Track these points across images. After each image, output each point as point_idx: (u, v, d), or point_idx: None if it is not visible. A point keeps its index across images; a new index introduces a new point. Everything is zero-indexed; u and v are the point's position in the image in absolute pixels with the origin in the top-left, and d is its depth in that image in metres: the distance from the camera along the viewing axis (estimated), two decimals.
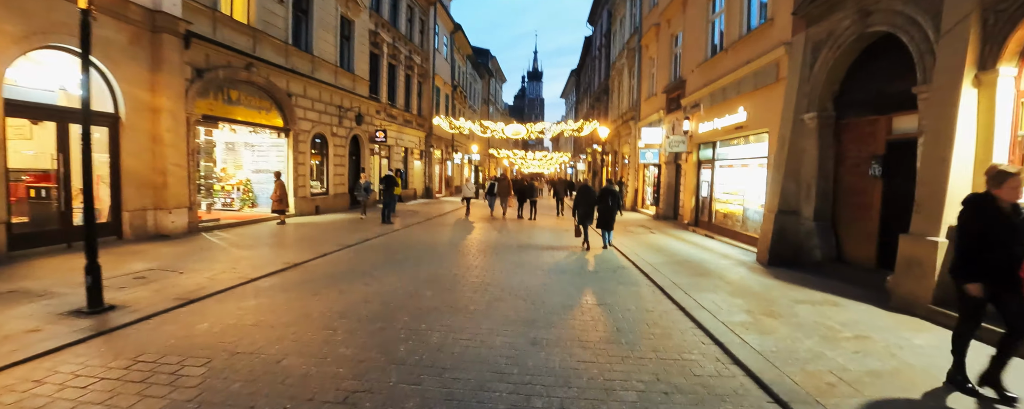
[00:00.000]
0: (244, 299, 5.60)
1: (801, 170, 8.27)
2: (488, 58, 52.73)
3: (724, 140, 11.79)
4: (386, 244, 9.99)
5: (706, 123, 12.43)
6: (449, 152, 31.68)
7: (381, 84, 20.79)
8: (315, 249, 8.96)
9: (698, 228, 13.00)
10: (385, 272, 7.22)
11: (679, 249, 9.95)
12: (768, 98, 9.40)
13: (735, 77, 10.78)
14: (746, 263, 8.43)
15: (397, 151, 22.55)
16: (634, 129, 21.10)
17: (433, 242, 10.40)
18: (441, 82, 29.01)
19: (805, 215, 8.17)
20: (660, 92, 17.22)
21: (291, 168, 14.03)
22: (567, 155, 52.46)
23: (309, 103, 14.70)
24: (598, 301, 5.81)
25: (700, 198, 13.49)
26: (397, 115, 22.55)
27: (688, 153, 13.87)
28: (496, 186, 16.81)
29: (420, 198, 25.89)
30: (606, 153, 28.10)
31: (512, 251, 9.54)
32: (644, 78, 20.17)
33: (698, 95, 13.16)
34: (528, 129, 21.57)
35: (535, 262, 8.36)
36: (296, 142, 14.12)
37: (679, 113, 14.95)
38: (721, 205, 12.22)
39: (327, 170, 16.03)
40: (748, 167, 10.83)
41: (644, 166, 19.88)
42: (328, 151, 15.99)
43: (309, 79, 14.54)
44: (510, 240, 11.15)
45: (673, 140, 13.84)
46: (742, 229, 10.87)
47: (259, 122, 12.87)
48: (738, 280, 7.07)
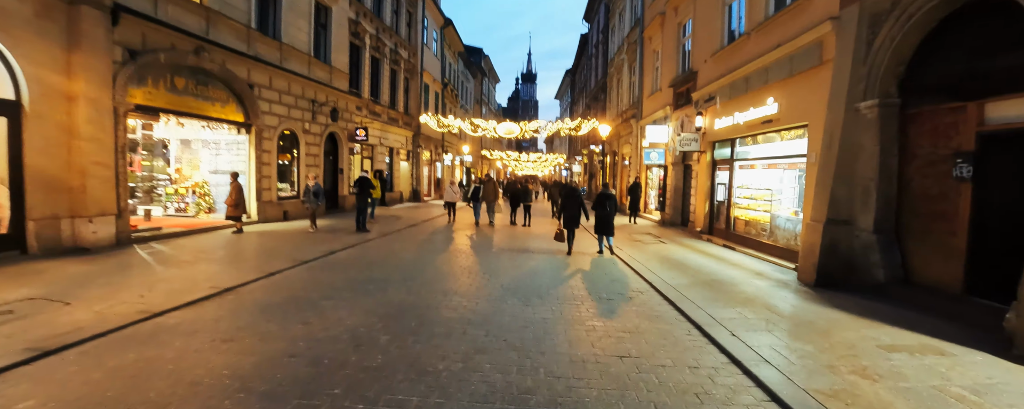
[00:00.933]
0: (125, 349, 4.00)
1: (856, 171, 6.77)
2: (481, 57, 51.21)
3: (747, 137, 10.30)
4: (352, 259, 8.38)
5: (723, 118, 10.94)
6: (439, 153, 30.08)
7: (363, 78, 19.18)
8: (262, 266, 7.34)
9: (714, 237, 11.48)
10: (338, 301, 5.62)
11: (700, 264, 8.42)
12: (808, 85, 7.91)
13: (762, 63, 9.29)
14: (787, 284, 6.91)
15: (381, 151, 20.93)
16: (635, 128, 19.63)
17: (408, 257, 8.80)
18: (430, 79, 27.44)
19: (861, 226, 6.67)
20: (666, 87, 15.74)
21: (253, 168, 12.38)
22: (562, 157, 50.98)
23: (276, 95, 13.07)
24: (619, 350, 4.23)
25: (715, 203, 11.99)
26: (381, 112, 20.94)
27: (700, 152, 12.38)
28: (481, 190, 14.63)
29: (407, 202, 24.26)
30: (605, 154, 26.62)
31: (501, 268, 7.96)
32: (647, 73, 18.70)
33: (712, 87, 11.67)
34: (522, 128, 20.03)
35: (529, 284, 6.78)
36: (259, 139, 12.48)
37: (689, 109, 13.47)
38: (742, 211, 10.72)
39: (298, 171, 14.38)
40: (777, 167, 9.34)
41: (647, 167, 18.40)
42: (299, 150, 14.35)
43: (276, 69, 12.92)
44: (499, 254, 9.56)
45: (683, 138, 12.35)
46: (769, 239, 9.36)
47: (213, 116, 11.22)
48: (790, 310, 5.54)
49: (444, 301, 5.69)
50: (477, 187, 14.72)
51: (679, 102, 14.57)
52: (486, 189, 14.48)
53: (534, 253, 9.59)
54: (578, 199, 9.75)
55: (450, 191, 15.11)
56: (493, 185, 14.60)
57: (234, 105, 11.82)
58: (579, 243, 11.13)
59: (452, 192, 15.06)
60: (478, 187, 14.69)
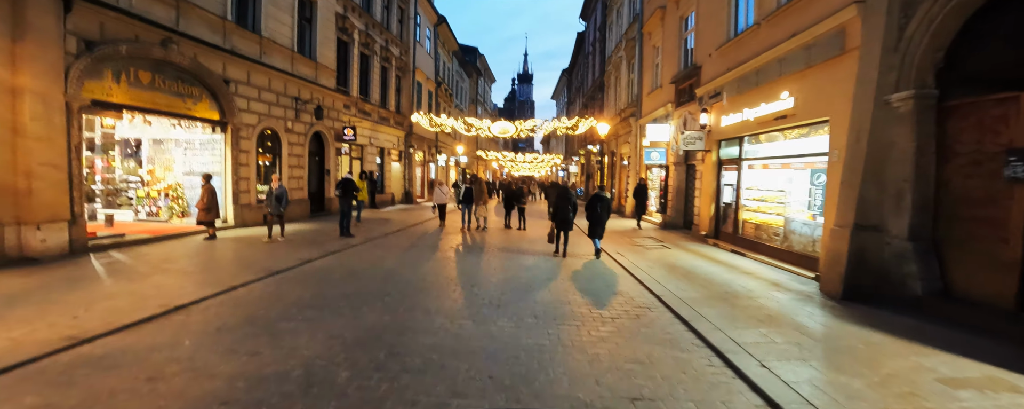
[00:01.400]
0: (23, 391, 3.25)
1: (886, 171, 6.08)
2: (476, 56, 50.47)
3: (757, 134, 9.60)
4: (329, 269, 7.62)
5: (730, 115, 10.25)
6: (432, 153, 29.33)
7: (351, 76, 18.42)
8: (226, 278, 6.58)
9: (720, 241, 10.78)
10: (301, 323, 4.87)
11: (710, 273, 7.71)
12: (828, 77, 7.22)
13: (774, 55, 8.60)
14: (810, 297, 6.20)
15: (371, 151, 20.17)
16: (635, 127, 18.94)
17: (390, 266, 8.04)
18: (423, 78, 26.70)
19: (894, 232, 5.97)
20: (667, 83, 15.06)
21: (229, 170, 11.60)
22: (559, 157, 50.29)
23: (255, 92, 12.30)
24: (631, 389, 3.49)
25: (721, 205, 11.30)
26: (371, 111, 20.18)
27: (705, 152, 11.68)
28: (471, 191, 13.43)
29: (399, 204, 23.49)
30: (602, 154, 25.94)
31: (491, 279, 7.23)
32: (647, 70, 18.02)
33: (718, 83, 10.98)
34: (517, 127, 19.30)
35: (521, 299, 6.05)
36: (236, 138, 11.70)
37: (693, 105, 12.78)
38: (751, 214, 10.03)
39: (280, 172, 13.60)
40: (791, 167, 8.65)
41: (648, 168, 17.70)
42: (281, 150, 13.57)
43: (255, 64, 12.15)
44: (490, 262, 8.82)
45: (687, 137, 11.65)
46: (783, 245, 8.67)
47: (184, 113, 10.44)
48: (821, 330, 4.83)
49: (423, 322, 4.95)
50: (468, 188, 13.51)
51: (681, 99, 13.88)
52: (474, 190, 13.39)
53: (527, 261, 8.85)
54: (570, 200, 9.40)
55: (440, 193, 14.17)
56: (481, 186, 13.38)
57: (208, 102, 11.04)
58: (575, 246, 10.41)
59: (442, 194, 14.12)
60: (468, 188, 13.51)
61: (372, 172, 19.94)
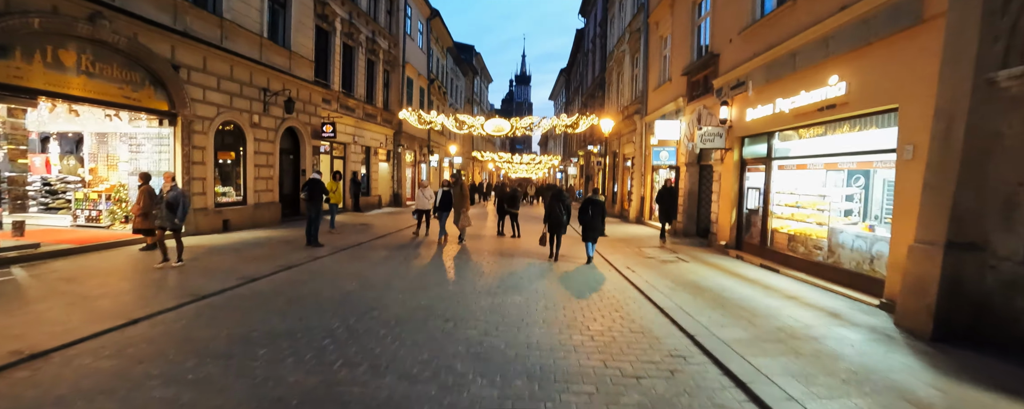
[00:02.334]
0: None
1: (990, 171, 4.65)
2: (472, 54, 49.10)
3: (793, 129, 8.17)
4: (272, 292, 6.12)
5: (757, 108, 8.82)
6: (424, 154, 27.86)
7: (333, 68, 16.94)
8: (131, 308, 5.10)
9: (744, 254, 9.34)
10: (186, 388, 3.39)
11: (746, 298, 6.25)
12: (896, 54, 5.79)
13: (818, 33, 7.18)
14: (891, 336, 4.76)
15: (355, 150, 18.68)
16: (640, 125, 17.52)
17: (352, 287, 6.54)
18: (414, 73, 25.24)
19: (1002, 252, 4.54)
20: (677, 76, 13.64)
21: (179, 169, 10.10)
22: (557, 159, 48.87)
23: (212, 81, 10.82)
24: None
25: (744, 211, 9.87)
26: (355, 107, 18.70)
27: (725, 150, 10.25)
28: (449, 195, 11.10)
29: (386, 207, 22.00)
30: (603, 154, 24.47)
31: (472, 310, 5.74)
32: (653, 63, 16.61)
33: (742, 71, 9.56)
34: (513, 125, 17.87)
35: (511, 344, 4.58)
36: (188, 133, 10.21)
37: (709, 98, 11.35)
38: (783, 223, 8.60)
39: (245, 172, 12.12)
40: (838, 167, 7.24)
41: (654, 169, 16.27)
42: (245, 146, 12.08)
43: (214, 49, 10.68)
44: (475, 281, 7.34)
45: (705, 133, 10.20)
46: (829, 260, 7.23)
47: (120, 102, 8.95)
48: (940, 402, 3.38)
49: (368, 390, 3.47)
50: (445, 191, 11.13)
51: (695, 92, 12.46)
52: (454, 194, 11.04)
53: (518, 280, 7.36)
54: (563, 201, 9.09)
55: (421, 196, 12.19)
56: (462, 189, 11.04)
57: (152, 90, 9.55)
58: (569, 248, 8.96)
59: (424, 198, 12.08)
60: (446, 191, 11.14)
61: (356, 173, 18.47)
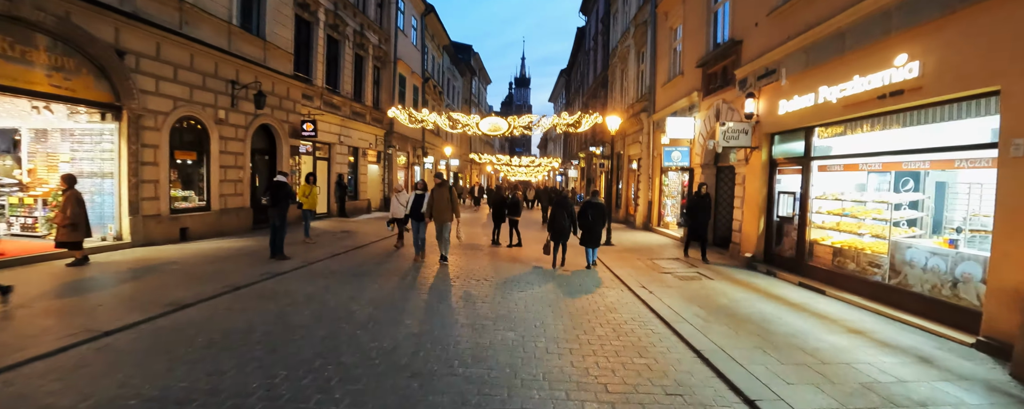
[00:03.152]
0: None
1: None
2: (470, 54, 47.92)
3: (841, 122, 6.87)
4: (199, 326, 4.80)
5: (794, 99, 7.55)
6: (418, 156, 26.57)
7: (316, 62, 15.67)
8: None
9: (777, 269, 8.04)
10: None
11: (799, 332, 4.94)
12: (1003, 22, 4.51)
13: (877, 4, 5.90)
14: (1014, 395, 3.46)
15: (340, 151, 17.37)
16: (647, 124, 16.25)
17: (302, 320, 5.19)
18: (407, 71, 23.97)
19: None
20: (691, 69, 12.37)
21: (124, 169, 8.80)
22: (557, 161, 47.59)
23: (168, 71, 9.53)
24: None
25: (774, 219, 8.58)
26: (341, 105, 17.42)
27: (751, 149, 8.97)
28: (421, 201, 8.87)
29: (376, 211, 20.68)
30: (608, 156, 23.22)
31: (453, 352, 4.44)
32: (661, 57, 15.35)
33: (772, 57, 8.29)
34: (511, 123, 16.59)
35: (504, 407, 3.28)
36: (137, 129, 8.92)
37: (729, 91, 10.08)
38: (826, 233, 7.32)
39: (209, 174, 10.82)
40: (902, 167, 5.96)
41: (664, 171, 14.99)
42: (209, 145, 10.78)
43: (170, 34, 9.39)
44: (462, 308, 6.01)
45: (728, 130, 8.91)
46: (893, 282, 5.93)
47: (48, 91, 7.65)
48: None
49: None
50: (417, 195, 8.95)
51: (711, 86, 11.19)
52: (434, 200, 8.54)
53: (514, 305, 6.05)
54: (568, 207, 8.65)
55: (396, 202, 10.03)
56: (445, 194, 8.51)
57: (91, 79, 8.26)
58: (575, 258, 7.65)
59: (398, 203, 10.00)
60: (417, 195, 8.93)
61: (342, 175, 17.16)
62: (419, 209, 8.81)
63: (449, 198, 8.51)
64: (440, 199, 8.50)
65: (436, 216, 8.55)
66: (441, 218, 8.55)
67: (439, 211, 8.51)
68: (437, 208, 8.51)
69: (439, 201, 8.50)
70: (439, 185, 8.63)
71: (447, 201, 8.51)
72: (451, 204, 8.54)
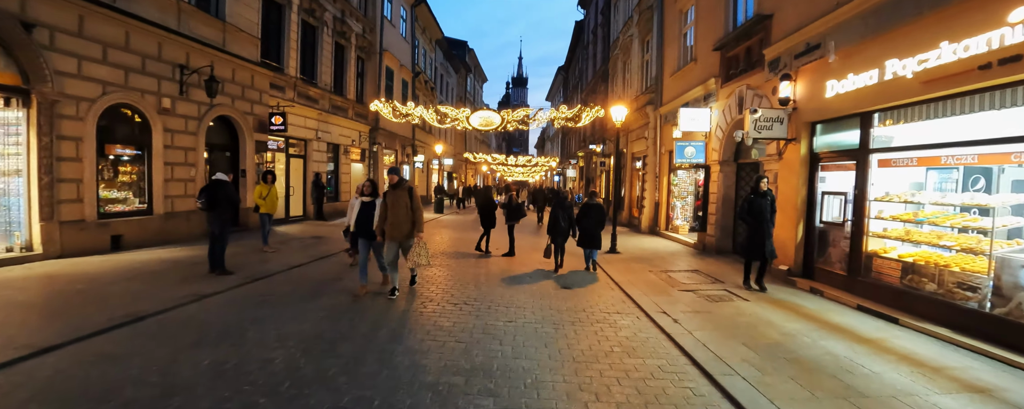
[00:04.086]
0: None
1: None
2: (465, 51, 46.46)
3: (918, 103, 5.42)
4: (37, 390, 3.34)
5: (848, 78, 6.12)
6: (407, 154, 25.08)
7: (288, 49, 14.18)
8: None
9: (822, 286, 6.60)
10: None
11: (901, 389, 3.51)
12: None
13: None
14: None
15: (318, 148, 15.88)
16: (653, 118, 14.82)
17: (197, 375, 3.70)
18: (395, 64, 22.49)
19: None
20: (707, 52, 10.93)
21: (34, 166, 7.31)
22: (554, 161, 46.12)
23: (96, 50, 8.04)
24: None
25: (816, 225, 7.13)
26: (319, 97, 15.92)
27: (787, 141, 7.53)
28: (372, 208, 6.19)
29: None
30: (609, 154, 21.79)
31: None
32: (669, 44, 13.91)
33: (815, 30, 6.85)
34: (504, 117, 15.14)
35: None
36: (52, 117, 7.43)
37: (756, 75, 8.66)
38: (888, 243, 5.90)
39: (150, 172, 9.32)
40: (1013, 160, 4.52)
41: (673, 169, 13.56)
42: (151, 139, 9.29)
43: (97, 7, 7.91)
44: (427, 354, 4.50)
45: (761, 118, 7.45)
46: (996, 309, 4.50)
47: None
48: None
49: None
50: (366, 203, 6.18)
51: (732, 70, 9.76)
52: (388, 208, 5.92)
53: (498, 348, 4.57)
54: (567, 209, 8.40)
55: (352, 208, 6.74)
56: (401, 200, 5.89)
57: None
58: (578, 263, 6.19)
59: (355, 209, 6.75)
60: (368, 202, 6.19)
61: (319, 174, 15.67)
62: (368, 223, 6.05)
63: (408, 206, 5.85)
64: (396, 207, 5.82)
65: (390, 231, 5.83)
66: (396, 233, 5.83)
67: (395, 224, 5.80)
68: (392, 220, 5.80)
69: (395, 210, 5.82)
70: (394, 187, 5.93)
71: (406, 210, 5.83)
72: (412, 214, 5.87)
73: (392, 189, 5.98)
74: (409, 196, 5.91)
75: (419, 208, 5.96)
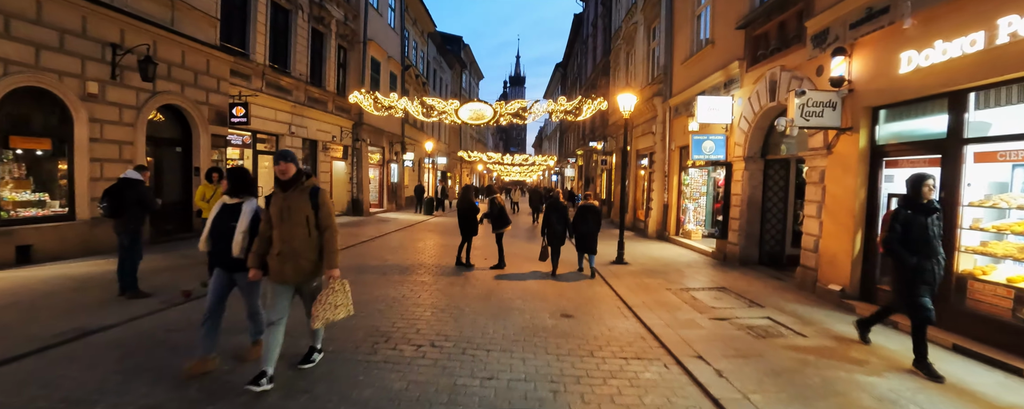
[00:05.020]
0: None
1: None
2: (460, 46, 44.94)
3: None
4: None
5: (934, 47, 4.72)
6: (395, 151, 23.59)
7: (253, 33, 12.68)
8: None
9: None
10: None
11: None
12: None
13: None
14: None
15: (291, 143, 14.39)
16: (661, 111, 13.41)
17: None
18: (382, 55, 21.00)
19: None
20: (729, 32, 9.51)
21: None
22: (552, 160, 44.70)
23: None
24: None
25: (878, 235, 5.71)
26: (292, 88, 14.45)
27: (841, 131, 6.10)
28: (244, 222, 3.53)
29: (340, 215, 17.70)
30: (608, 152, 20.35)
31: None
32: (681, 27, 12.48)
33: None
34: (497, 110, 13.69)
35: None
36: None
37: (792, 54, 7.24)
38: (993, 262, 4.49)
39: (73, 171, 7.85)
40: None
41: (682, 168, 12.15)
42: (73, 131, 7.81)
43: None
44: None
45: (808, 102, 6.01)
46: None
47: None
48: None
49: None
50: (227, 207, 3.59)
51: (761, 50, 8.33)
52: (277, 216, 3.35)
53: None
54: (562, 212, 8.07)
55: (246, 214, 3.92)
56: (302, 207, 3.35)
57: None
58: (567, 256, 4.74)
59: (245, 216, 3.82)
60: (233, 205, 3.59)
61: None
62: (226, 239, 3.48)
63: (311, 220, 3.36)
64: (289, 221, 3.32)
65: (278, 264, 3.33)
66: (288, 269, 3.34)
67: (286, 253, 3.32)
68: (282, 245, 3.32)
69: (286, 226, 3.32)
70: (286, 185, 3.37)
71: (305, 228, 3.34)
72: (317, 235, 3.40)
73: (282, 190, 3.36)
74: (312, 202, 3.35)
75: (329, 224, 3.41)
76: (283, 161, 3.38)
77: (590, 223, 7.90)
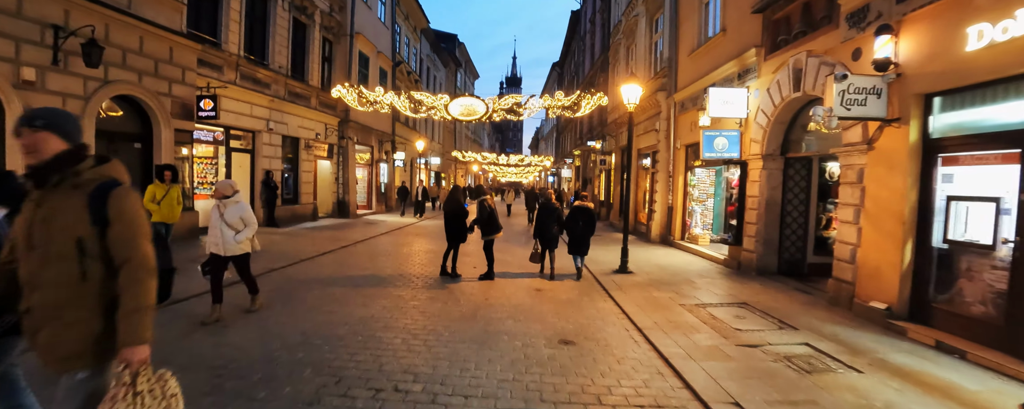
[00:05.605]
0: None
1: None
2: (455, 44, 44.11)
3: None
4: None
5: (1015, 18, 3.84)
6: (385, 150, 22.64)
7: (225, 19, 11.71)
8: None
9: (961, 341, 4.33)
10: None
11: None
12: None
13: None
14: None
15: (270, 141, 13.44)
16: (665, 106, 12.57)
17: None
18: (371, 49, 20.06)
19: None
20: (743, 18, 8.65)
21: None
22: (549, 160, 43.82)
23: None
24: None
25: (935, 246, 4.84)
26: (271, 81, 13.51)
27: (886, 122, 5.23)
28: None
29: (324, 218, 16.75)
30: (607, 151, 19.47)
31: None
32: (686, 16, 11.62)
33: None
34: (490, 106, 12.79)
35: None
36: None
37: (824, 36, 6.37)
38: None
39: (5, 167, 6.89)
40: None
41: (689, 167, 11.29)
42: (4, 123, 6.86)
43: None
44: None
45: (850, 88, 5.12)
46: None
47: None
48: None
49: None
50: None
51: (783, 36, 7.47)
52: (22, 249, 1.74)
53: None
54: (555, 214, 7.87)
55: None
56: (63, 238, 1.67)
57: None
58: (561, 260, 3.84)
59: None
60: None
61: (270, 173, 13.23)
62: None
63: (86, 244, 1.69)
64: (43, 241, 1.69)
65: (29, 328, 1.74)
66: (38, 344, 1.72)
67: (33, 318, 1.72)
68: (27, 277, 1.73)
69: (38, 254, 1.70)
70: (52, 172, 1.70)
71: (71, 263, 1.68)
72: (100, 267, 1.73)
73: (37, 187, 1.74)
74: (95, 213, 1.71)
75: (132, 253, 1.74)
76: (27, 128, 1.71)
77: (582, 225, 7.78)
